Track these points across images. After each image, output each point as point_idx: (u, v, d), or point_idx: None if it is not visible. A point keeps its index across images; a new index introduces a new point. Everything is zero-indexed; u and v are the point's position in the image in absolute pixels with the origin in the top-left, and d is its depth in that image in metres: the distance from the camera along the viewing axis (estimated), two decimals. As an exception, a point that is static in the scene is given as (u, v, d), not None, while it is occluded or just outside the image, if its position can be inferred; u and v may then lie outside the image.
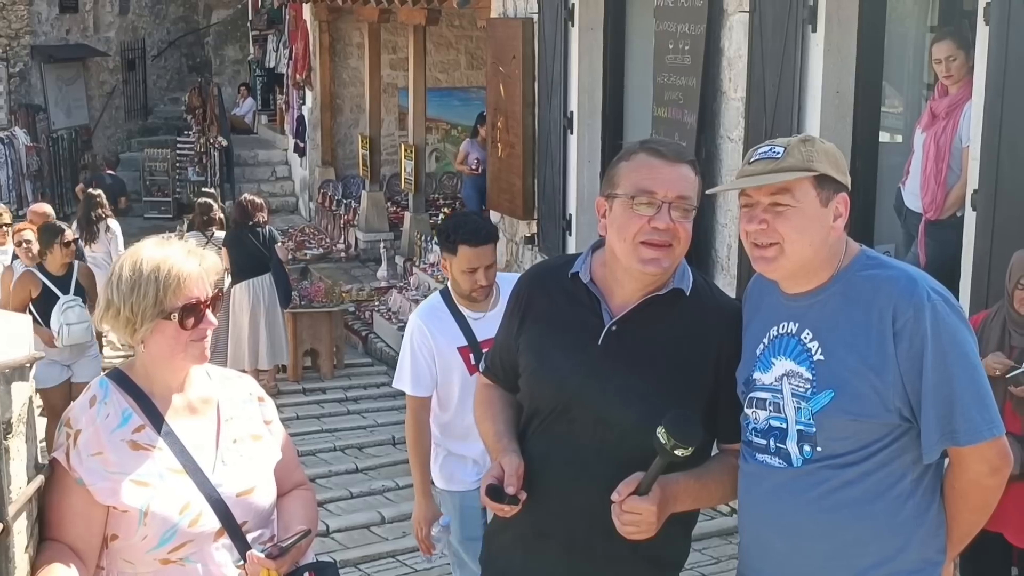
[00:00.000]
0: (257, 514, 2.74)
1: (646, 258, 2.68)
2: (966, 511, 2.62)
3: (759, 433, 2.70)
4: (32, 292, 7.93)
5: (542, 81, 9.34)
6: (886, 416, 2.53)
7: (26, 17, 19.64)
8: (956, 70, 5.92)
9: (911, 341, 2.50)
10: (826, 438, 2.58)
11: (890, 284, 2.56)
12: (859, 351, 2.54)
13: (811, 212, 2.58)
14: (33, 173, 18.47)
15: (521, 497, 2.70)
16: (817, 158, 2.59)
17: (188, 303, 2.61)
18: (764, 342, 2.71)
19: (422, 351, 4.33)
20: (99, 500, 2.57)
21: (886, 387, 2.52)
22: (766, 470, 2.68)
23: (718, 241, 7.22)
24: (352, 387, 10.79)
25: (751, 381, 2.73)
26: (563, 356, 2.79)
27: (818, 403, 2.58)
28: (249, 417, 2.82)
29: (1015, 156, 5.16)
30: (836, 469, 2.57)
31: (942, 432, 2.51)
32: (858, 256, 2.66)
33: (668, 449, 2.54)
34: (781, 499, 2.64)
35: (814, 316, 2.63)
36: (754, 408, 2.72)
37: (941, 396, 2.49)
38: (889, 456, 2.56)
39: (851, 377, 2.54)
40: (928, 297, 2.52)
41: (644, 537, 2.63)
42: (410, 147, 14.45)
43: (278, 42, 20.26)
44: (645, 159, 2.71)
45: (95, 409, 2.63)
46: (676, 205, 2.67)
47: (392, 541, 6.84)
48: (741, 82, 6.85)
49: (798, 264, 2.61)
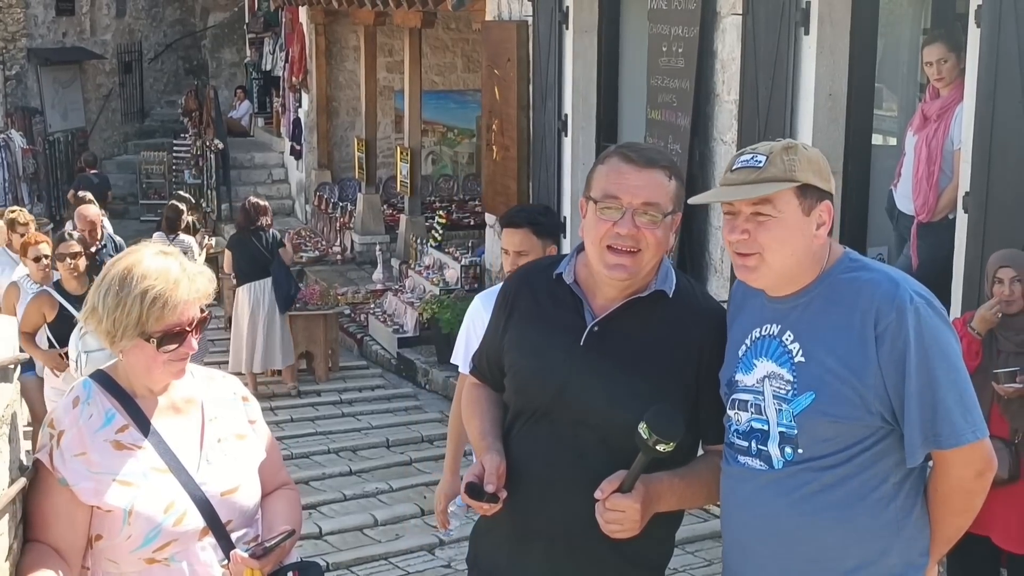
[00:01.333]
0: (241, 513, 2.74)
1: (610, 263, 2.69)
2: (950, 514, 2.60)
3: (741, 435, 2.69)
4: (47, 315, 6.90)
5: (537, 84, 9.35)
6: (867, 418, 2.52)
7: (22, 20, 19.64)
8: (947, 72, 5.93)
9: (893, 343, 2.48)
10: (807, 440, 2.56)
11: (872, 287, 2.54)
12: (839, 353, 2.52)
13: (793, 222, 2.56)
14: (29, 176, 18.47)
15: (501, 495, 2.70)
16: (799, 167, 2.56)
17: (169, 330, 2.61)
18: (746, 343, 2.71)
19: (476, 329, 4.37)
20: (83, 500, 2.56)
21: (867, 389, 2.50)
22: (748, 472, 2.66)
23: (711, 243, 7.23)
24: (347, 390, 10.80)
25: (733, 383, 2.71)
26: (546, 356, 2.79)
27: (799, 405, 2.57)
28: (233, 417, 2.82)
29: (1006, 158, 5.17)
30: (817, 471, 2.56)
31: (925, 436, 2.49)
32: (841, 258, 2.64)
33: (650, 445, 2.53)
34: (762, 501, 2.63)
35: (796, 318, 2.62)
36: (736, 409, 2.70)
37: (924, 399, 2.47)
38: (871, 459, 2.55)
39: (831, 379, 2.53)
40: (911, 299, 2.50)
41: (628, 536, 2.62)
42: (406, 150, 14.45)
43: (274, 45, 20.24)
44: (616, 164, 2.72)
45: (78, 410, 2.63)
46: (641, 211, 2.66)
47: (385, 543, 6.84)
48: (734, 85, 6.86)
49: (780, 273, 2.61)
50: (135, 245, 2.75)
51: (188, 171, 19.32)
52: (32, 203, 18.54)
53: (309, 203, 17.96)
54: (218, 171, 18.21)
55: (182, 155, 19.83)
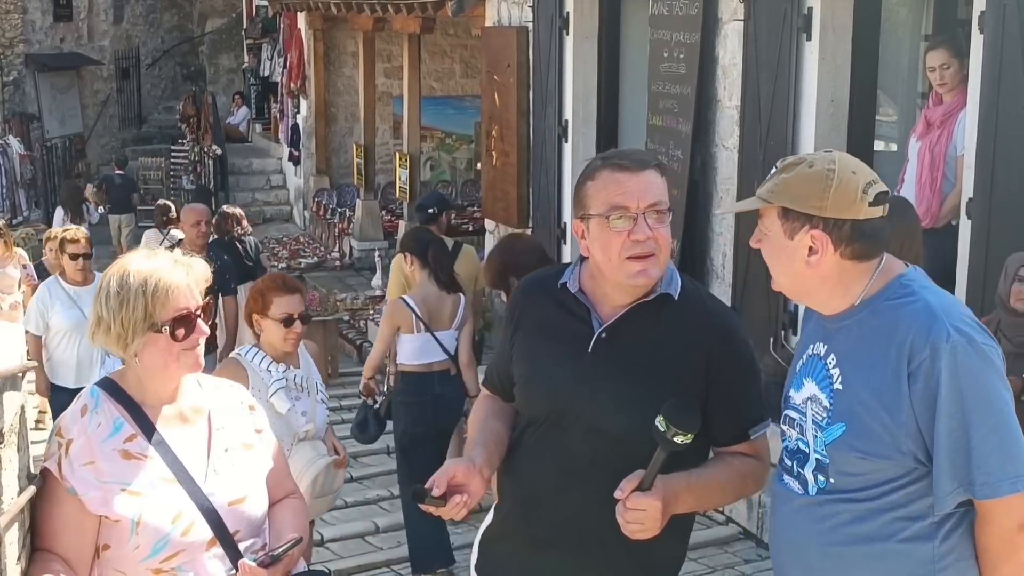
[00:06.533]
0: (249, 523, 2.73)
1: (634, 271, 2.68)
2: (994, 564, 2.42)
3: (788, 453, 2.62)
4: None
5: (537, 90, 9.35)
6: (898, 457, 2.39)
7: (20, 26, 19.65)
8: (950, 78, 5.93)
9: (926, 383, 2.34)
10: (837, 472, 2.47)
11: (910, 318, 2.39)
12: (874, 386, 2.40)
13: (778, 243, 2.49)
14: (27, 182, 18.45)
15: (451, 498, 2.65)
16: (779, 188, 2.46)
17: (178, 314, 2.61)
18: (803, 359, 2.64)
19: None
20: (91, 509, 2.55)
21: (898, 428, 2.38)
22: (786, 493, 2.61)
23: (713, 249, 7.22)
24: (347, 396, 10.76)
25: (787, 397, 2.65)
26: (554, 364, 2.79)
27: (830, 435, 2.47)
28: (240, 426, 2.81)
29: (1009, 164, 5.16)
30: (848, 503, 2.46)
31: (958, 482, 2.35)
32: (892, 282, 2.48)
33: (668, 438, 2.50)
34: (795, 526, 2.56)
35: (840, 341, 2.51)
36: (786, 425, 2.64)
37: (956, 444, 2.33)
38: (905, 497, 2.42)
39: (863, 412, 2.41)
40: (947, 337, 2.34)
41: (648, 536, 2.59)
42: (405, 156, 14.46)
43: (272, 51, 20.25)
44: (610, 175, 2.69)
45: (86, 419, 2.62)
46: (650, 213, 2.66)
47: (387, 551, 6.81)
48: (736, 90, 6.85)
49: (786, 291, 2.55)
50: (122, 256, 2.75)
51: (186, 177, 19.32)
52: (30, 209, 18.56)
53: (307, 209, 17.96)
54: (216, 177, 18.23)
55: (180, 161, 19.82)
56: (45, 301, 7.25)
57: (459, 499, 2.66)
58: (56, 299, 7.22)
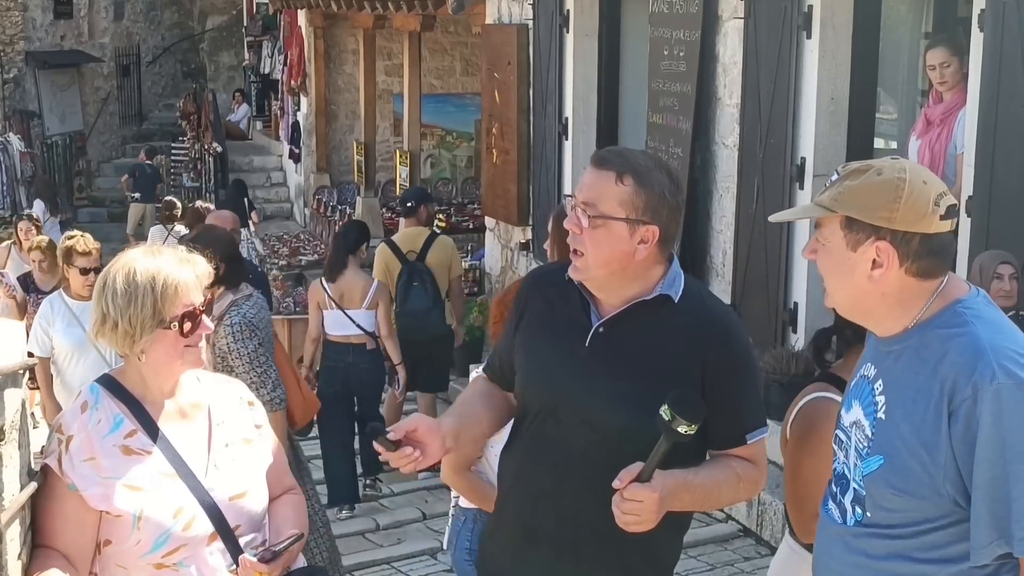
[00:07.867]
0: (250, 518, 2.73)
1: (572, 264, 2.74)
2: None
3: (835, 477, 2.50)
4: None
5: (537, 87, 9.35)
6: (936, 499, 2.23)
7: (20, 23, 19.64)
8: (950, 76, 5.93)
9: (966, 425, 2.16)
10: (874, 505, 2.33)
11: (957, 352, 2.21)
12: (915, 421, 2.23)
13: (838, 255, 2.30)
14: (27, 179, 18.45)
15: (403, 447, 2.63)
16: (846, 195, 2.26)
17: (186, 311, 2.61)
18: (856, 378, 2.49)
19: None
20: (92, 505, 2.56)
21: (936, 468, 2.21)
22: (828, 518, 2.49)
23: (713, 247, 7.23)
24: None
25: (839, 416, 2.52)
26: (552, 357, 2.80)
27: (868, 467, 2.33)
28: (240, 421, 2.82)
29: (1009, 162, 5.17)
30: (883, 539, 2.33)
31: (996, 534, 2.16)
32: (949, 306, 2.29)
33: (672, 427, 2.46)
34: (832, 555, 2.46)
35: (888, 366, 2.34)
36: (836, 446, 2.51)
37: (996, 493, 2.15)
38: (944, 539, 2.26)
39: (902, 447, 2.25)
40: (992, 377, 2.14)
41: (643, 529, 2.56)
42: (405, 153, 14.47)
43: (273, 48, 20.25)
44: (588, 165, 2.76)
45: (86, 415, 2.62)
46: (580, 208, 2.67)
47: (387, 548, 6.82)
48: (736, 88, 6.86)
49: (841, 308, 2.40)
50: (122, 252, 2.74)
51: (186, 174, 19.33)
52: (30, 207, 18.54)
53: (307, 207, 17.96)
54: (216, 175, 18.23)
55: (180, 159, 19.82)
56: (47, 318, 6.36)
57: (409, 451, 2.63)
58: (57, 316, 6.34)
